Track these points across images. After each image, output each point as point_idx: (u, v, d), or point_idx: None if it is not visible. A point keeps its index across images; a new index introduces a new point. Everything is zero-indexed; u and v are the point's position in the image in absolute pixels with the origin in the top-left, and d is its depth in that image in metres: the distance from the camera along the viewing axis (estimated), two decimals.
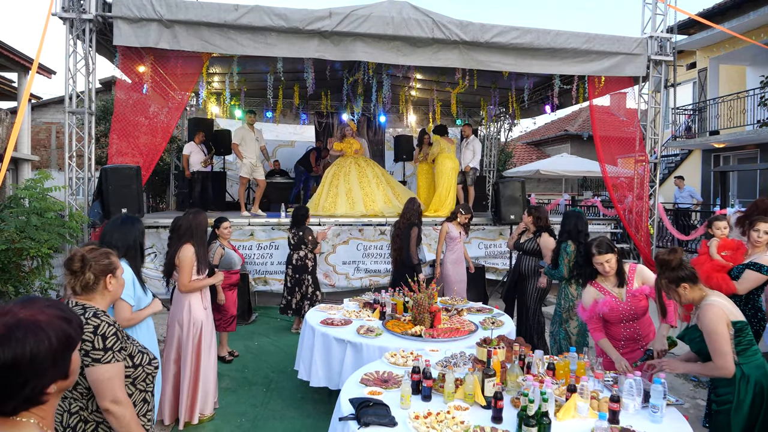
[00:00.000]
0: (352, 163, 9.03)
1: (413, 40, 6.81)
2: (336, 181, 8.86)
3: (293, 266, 6.40)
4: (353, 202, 8.57)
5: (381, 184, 8.92)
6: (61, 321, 1.25)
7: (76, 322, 1.30)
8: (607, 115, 8.55)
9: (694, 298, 2.71)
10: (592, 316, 3.40)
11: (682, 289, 2.70)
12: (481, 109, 12.48)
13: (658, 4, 7.84)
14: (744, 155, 13.67)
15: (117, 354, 1.99)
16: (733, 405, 2.60)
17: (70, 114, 6.56)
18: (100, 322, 2.00)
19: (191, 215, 4.02)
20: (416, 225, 6.06)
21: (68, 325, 1.26)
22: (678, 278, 2.70)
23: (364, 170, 9.00)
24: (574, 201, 15.00)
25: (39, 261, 5.33)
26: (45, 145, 18.25)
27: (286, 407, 4.36)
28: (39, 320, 1.21)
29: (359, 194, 8.67)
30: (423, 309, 4.06)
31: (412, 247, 5.98)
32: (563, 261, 4.46)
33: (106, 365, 1.96)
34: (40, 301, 1.28)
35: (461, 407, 2.58)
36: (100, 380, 1.95)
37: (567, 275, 4.44)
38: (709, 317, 2.60)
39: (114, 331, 2.01)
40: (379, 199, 8.64)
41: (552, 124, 24.74)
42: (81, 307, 2.06)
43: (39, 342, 1.18)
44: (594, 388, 2.74)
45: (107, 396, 1.94)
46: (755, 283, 3.83)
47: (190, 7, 6.27)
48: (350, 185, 8.77)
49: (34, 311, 1.23)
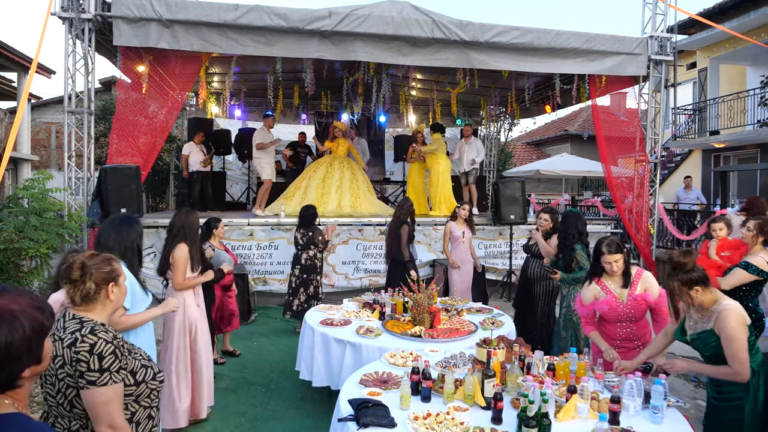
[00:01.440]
0: (335, 164, 9.04)
1: (413, 39, 6.80)
2: (313, 179, 8.95)
3: (302, 266, 6.27)
4: (327, 203, 8.58)
5: (355, 189, 8.95)
6: (33, 310, 1.31)
7: (48, 310, 1.37)
8: (608, 115, 8.56)
9: (705, 301, 2.66)
10: (588, 312, 3.43)
11: (694, 292, 2.64)
12: (482, 109, 12.47)
13: (658, 4, 7.84)
14: (744, 155, 13.66)
15: (115, 375, 1.84)
16: (749, 401, 2.59)
17: (69, 114, 6.55)
18: (96, 340, 1.84)
19: (183, 214, 4.03)
20: (406, 223, 6.07)
21: (41, 313, 1.33)
22: (691, 281, 2.65)
23: (344, 172, 9.01)
24: (574, 201, 14.97)
25: (38, 261, 5.32)
26: (45, 145, 18.24)
27: (285, 407, 4.35)
28: (13, 309, 1.27)
29: (331, 195, 8.72)
30: (422, 309, 4.05)
31: (402, 244, 6.01)
32: (585, 260, 4.41)
33: (102, 388, 1.81)
34: (12, 291, 1.34)
35: (461, 408, 2.58)
36: (96, 404, 1.81)
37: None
38: (732, 324, 2.55)
39: (112, 349, 1.85)
40: (346, 204, 8.70)
41: (552, 124, 24.72)
42: (78, 321, 1.90)
43: (14, 330, 1.25)
44: (594, 388, 2.74)
45: (103, 421, 1.81)
46: (740, 280, 3.82)
47: (189, 7, 6.26)
48: (328, 184, 8.83)
49: (7, 301, 1.29)
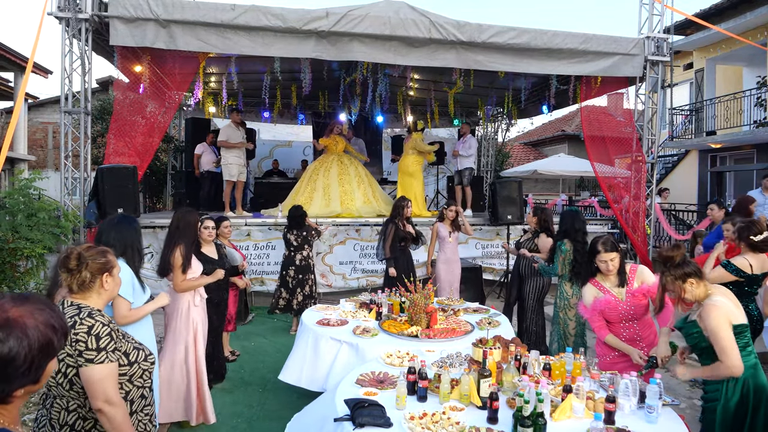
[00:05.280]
0: (335, 161, 8.98)
1: (410, 40, 6.80)
2: (315, 177, 8.83)
3: (296, 267, 6.35)
4: (329, 200, 8.51)
5: (362, 184, 8.89)
6: (47, 328, 1.22)
7: (62, 331, 1.28)
8: (603, 115, 8.57)
9: (699, 295, 2.69)
10: (593, 315, 3.40)
11: (689, 285, 2.68)
12: (479, 110, 12.48)
13: (654, 5, 7.85)
14: (740, 156, 13.70)
15: (111, 354, 1.99)
16: (720, 403, 2.61)
17: (66, 114, 6.53)
18: (94, 323, 2.00)
19: (181, 214, 4.02)
20: (392, 222, 6.10)
21: (53, 333, 1.24)
22: (685, 274, 2.69)
23: (346, 168, 8.94)
24: (571, 201, 15.02)
25: (34, 261, 5.31)
26: (42, 145, 18.17)
27: (282, 408, 4.34)
28: (26, 324, 1.19)
29: (337, 192, 8.62)
30: (419, 309, 4.05)
31: (385, 242, 6.06)
32: (558, 258, 4.50)
33: (99, 366, 1.96)
34: (33, 302, 1.25)
35: (457, 408, 2.58)
36: (93, 380, 1.95)
37: (561, 272, 4.49)
38: (712, 319, 2.58)
39: (108, 331, 2.02)
40: (359, 198, 8.60)
41: (549, 124, 24.77)
42: (76, 306, 2.06)
43: (20, 347, 1.16)
44: (590, 388, 2.74)
45: (99, 396, 1.95)
46: (720, 278, 3.86)
47: (186, 7, 6.25)
48: (329, 182, 8.72)
49: (23, 312, 1.20)
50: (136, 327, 2.90)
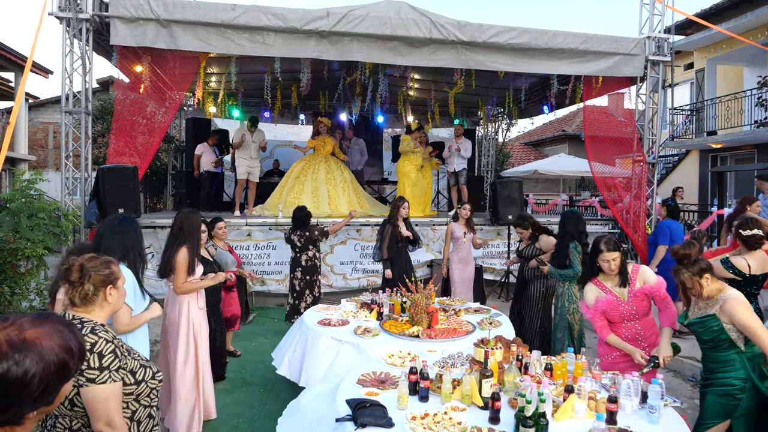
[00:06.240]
0: (322, 162, 8.97)
1: (411, 40, 6.80)
2: (303, 178, 8.82)
3: (303, 268, 6.21)
4: (318, 202, 8.50)
5: (347, 189, 8.88)
6: (64, 351, 1.19)
7: (79, 354, 1.24)
8: (604, 116, 8.56)
9: (713, 290, 2.74)
10: (595, 315, 3.40)
11: (704, 280, 2.73)
12: (479, 110, 12.48)
13: (655, 5, 7.85)
14: (741, 155, 13.70)
15: (114, 374, 1.88)
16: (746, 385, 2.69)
17: (66, 114, 6.53)
18: (97, 339, 1.89)
19: (184, 215, 3.98)
20: (389, 223, 6.09)
21: (70, 356, 1.20)
22: (701, 270, 2.74)
23: (333, 171, 8.93)
24: (571, 201, 15.00)
25: (34, 261, 5.30)
26: (42, 145, 18.18)
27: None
28: (43, 345, 1.15)
29: (325, 194, 8.63)
30: (420, 309, 4.05)
31: (383, 243, 6.04)
32: (576, 259, 4.44)
33: (101, 386, 1.84)
34: (52, 323, 1.21)
35: (458, 408, 2.58)
36: (95, 401, 1.84)
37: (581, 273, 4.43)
38: (740, 312, 2.66)
39: (112, 349, 1.90)
40: (343, 203, 8.60)
41: (550, 124, 24.75)
42: (78, 321, 1.95)
43: (35, 369, 1.12)
44: (591, 388, 2.74)
45: (101, 418, 1.84)
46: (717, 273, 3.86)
47: (187, 7, 6.25)
48: (317, 184, 8.72)
49: (41, 333, 1.17)
50: (134, 334, 2.85)
